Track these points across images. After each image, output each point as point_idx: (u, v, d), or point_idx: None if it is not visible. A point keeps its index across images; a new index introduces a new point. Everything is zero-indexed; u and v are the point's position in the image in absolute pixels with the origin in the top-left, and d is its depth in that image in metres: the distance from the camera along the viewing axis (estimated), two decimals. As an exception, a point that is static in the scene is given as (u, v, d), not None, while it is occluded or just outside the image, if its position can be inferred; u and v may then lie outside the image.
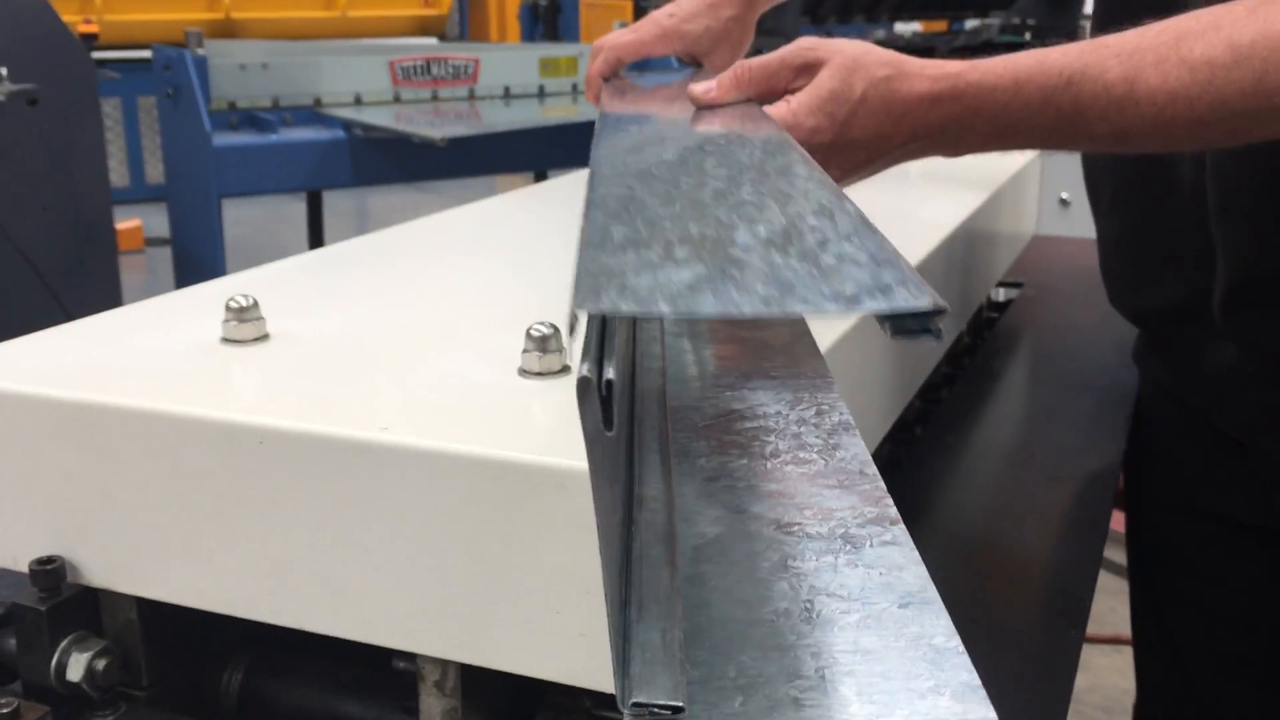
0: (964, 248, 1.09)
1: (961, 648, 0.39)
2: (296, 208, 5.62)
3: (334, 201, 5.21)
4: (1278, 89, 0.69)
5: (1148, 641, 1.32)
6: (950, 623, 0.41)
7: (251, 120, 3.77)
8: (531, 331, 0.62)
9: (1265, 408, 1.01)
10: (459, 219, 1.05)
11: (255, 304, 0.69)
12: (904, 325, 0.39)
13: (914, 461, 0.98)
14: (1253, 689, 1.18)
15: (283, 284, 0.81)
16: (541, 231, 1.02)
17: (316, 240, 4.66)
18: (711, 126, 0.75)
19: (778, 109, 0.76)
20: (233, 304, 0.68)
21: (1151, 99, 0.71)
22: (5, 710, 0.58)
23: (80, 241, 4.44)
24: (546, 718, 0.58)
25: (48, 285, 3.70)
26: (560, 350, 0.63)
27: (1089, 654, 2.37)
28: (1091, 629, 1.95)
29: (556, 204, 1.16)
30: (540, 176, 4.92)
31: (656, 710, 0.34)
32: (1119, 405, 1.10)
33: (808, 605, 0.42)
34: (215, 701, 0.67)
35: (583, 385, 0.36)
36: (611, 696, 0.54)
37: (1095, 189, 1.14)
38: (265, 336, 0.69)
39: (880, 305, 0.37)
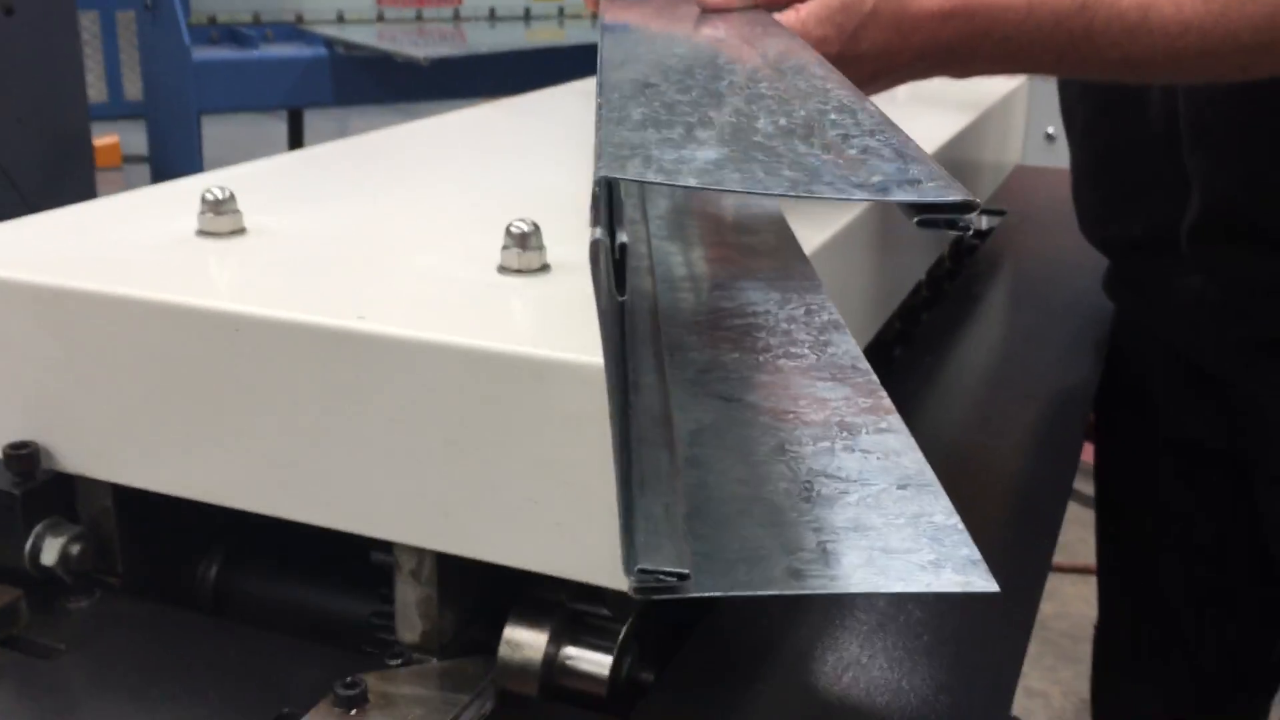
0: (947, 170, 1.08)
1: (962, 526, 0.40)
2: (275, 128, 5.54)
3: (314, 123, 5.14)
4: None
5: (1112, 569, 1.34)
6: (949, 503, 0.41)
7: (232, 35, 3.72)
8: (511, 228, 0.62)
9: (1233, 338, 1.01)
10: (439, 126, 1.04)
11: (232, 197, 0.68)
12: (930, 219, 0.39)
13: (892, 380, 0.98)
14: (1219, 614, 1.21)
15: (261, 181, 0.80)
16: (523, 139, 1.01)
17: (297, 160, 4.62)
18: (718, 30, 0.74)
19: (785, 17, 0.75)
20: (208, 196, 0.67)
21: (1164, 28, 0.71)
22: (-20, 592, 0.58)
23: (57, 155, 4.37)
24: (522, 609, 0.58)
25: (24, 198, 3.66)
26: (540, 248, 0.62)
27: (1057, 582, 2.41)
28: (1060, 559, 1.98)
29: (538, 114, 1.15)
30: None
31: (662, 577, 0.34)
32: (1096, 328, 1.11)
33: (807, 485, 0.42)
34: (191, 591, 0.67)
35: (594, 249, 0.36)
36: (588, 587, 0.55)
37: (1069, 116, 1.14)
38: (242, 230, 0.68)
39: (909, 196, 0.37)
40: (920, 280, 1.11)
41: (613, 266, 0.36)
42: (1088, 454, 1.12)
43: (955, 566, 0.37)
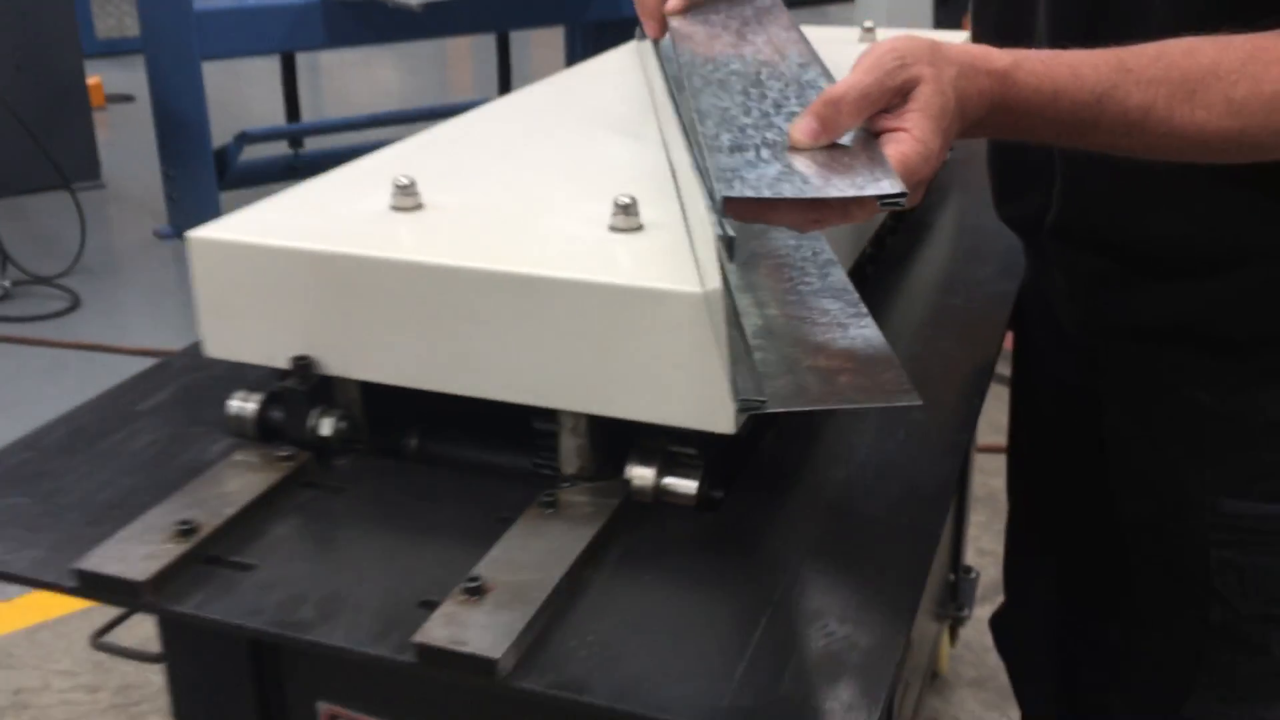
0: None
1: (897, 361, 0.72)
2: (254, 64, 5.71)
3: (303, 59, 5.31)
4: (1258, 135, 0.83)
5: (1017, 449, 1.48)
6: (899, 361, 0.74)
7: (229, -16, 3.89)
8: (618, 200, 0.92)
9: (1090, 327, 1.13)
10: (531, 100, 1.33)
11: (414, 183, 0.97)
12: (886, 201, 0.69)
13: (866, 294, 1.29)
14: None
15: (410, 164, 1.09)
16: (602, 113, 1.27)
17: (292, 101, 4.84)
18: (758, 42, 0.94)
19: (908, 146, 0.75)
20: (399, 182, 0.97)
21: (1157, 129, 0.83)
22: (287, 455, 0.89)
23: (56, 98, 4.56)
24: (638, 452, 0.89)
25: (34, 137, 3.84)
26: (638, 214, 0.92)
27: (1002, 460, 2.73)
28: (992, 439, 2.25)
29: (608, 84, 1.42)
30: (504, 38, 5.09)
31: (749, 401, 0.67)
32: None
33: (815, 355, 0.74)
34: (401, 454, 0.98)
35: (727, 242, 0.67)
36: (681, 434, 0.86)
37: None
38: (421, 206, 0.98)
39: (873, 192, 0.68)
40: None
41: (727, 249, 0.67)
42: (1008, 342, 1.39)
43: (897, 389, 0.70)
